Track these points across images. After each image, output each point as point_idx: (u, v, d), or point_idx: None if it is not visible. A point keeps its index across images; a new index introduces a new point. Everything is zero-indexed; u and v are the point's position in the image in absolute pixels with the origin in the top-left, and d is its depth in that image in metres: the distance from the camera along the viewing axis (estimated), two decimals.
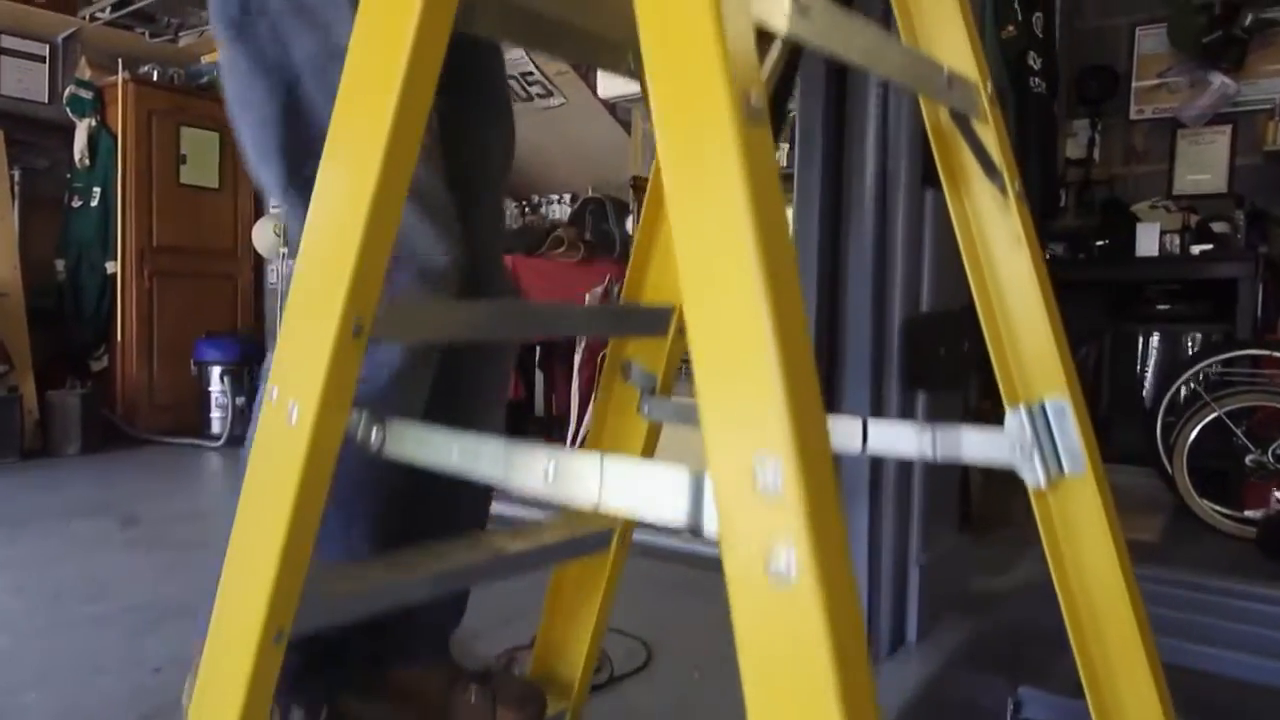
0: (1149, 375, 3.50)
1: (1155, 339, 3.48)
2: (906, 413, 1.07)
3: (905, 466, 1.19)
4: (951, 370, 1.05)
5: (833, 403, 1.10)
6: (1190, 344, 3.42)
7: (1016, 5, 2.55)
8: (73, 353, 4.40)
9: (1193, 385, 2.99)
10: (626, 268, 0.90)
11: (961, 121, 0.61)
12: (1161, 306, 3.44)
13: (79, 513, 2.87)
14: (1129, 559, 0.71)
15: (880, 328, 1.03)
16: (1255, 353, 3.00)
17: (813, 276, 1.03)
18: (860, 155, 1.10)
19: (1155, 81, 3.96)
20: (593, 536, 0.87)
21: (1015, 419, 0.64)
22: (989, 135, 0.63)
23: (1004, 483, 3.18)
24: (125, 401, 4.33)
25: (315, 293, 0.61)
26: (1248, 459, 2.80)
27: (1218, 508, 2.84)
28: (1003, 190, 0.63)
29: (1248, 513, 2.79)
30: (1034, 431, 0.63)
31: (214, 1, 0.98)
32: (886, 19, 0.72)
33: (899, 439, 0.69)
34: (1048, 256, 3.34)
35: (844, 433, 0.71)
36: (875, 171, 1.06)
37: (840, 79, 1.12)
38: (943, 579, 1.06)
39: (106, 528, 2.71)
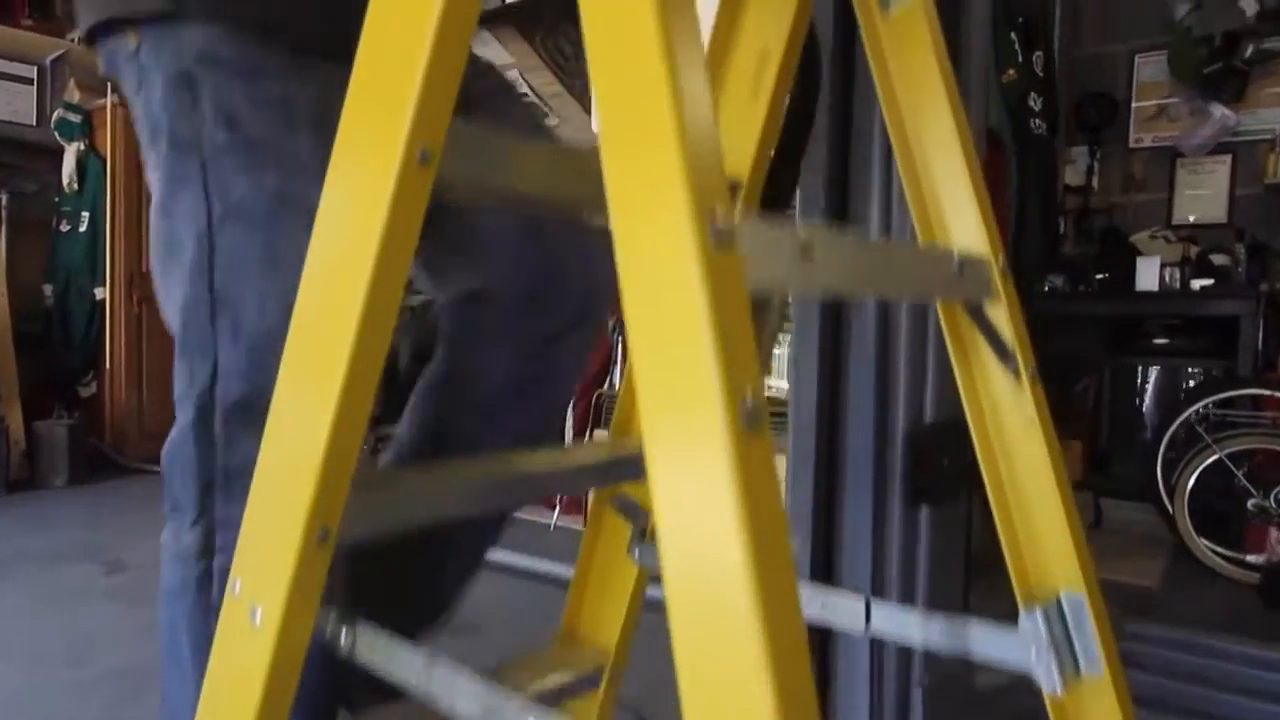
0: (1149, 410, 3.46)
1: (1155, 373, 3.44)
2: (909, 526, 1.02)
3: (908, 564, 1.15)
4: (954, 482, 1.02)
5: (831, 569, 1.06)
6: (1190, 380, 3.38)
7: (1017, 46, 2.52)
8: (61, 379, 4.34)
9: (1193, 425, 2.95)
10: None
11: (973, 308, 0.57)
12: (1161, 341, 3.40)
13: (64, 557, 2.82)
14: None
15: (883, 440, 0.99)
16: (1256, 392, 2.97)
17: (812, 385, 0.99)
18: None
19: (1154, 109, 3.92)
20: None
21: (1030, 621, 0.60)
22: (1001, 315, 0.59)
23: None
24: (114, 429, 4.28)
25: (278, 500, 0.57)
26: (1250, 503, 2.77)
27: (1218, 549, 2.81)
28: (1016, 374, 0.60)
29: (1249, 557, 2.76)
30: (1050, 634, 0.59)
31: (144, 138, 0.87)
32: (886, 219, 0.68)
33: (904, 625, 0.65)
34: (1047, 288, 3.30)
35: (848, 611, 0.67)
36: None
37: (842, 177, 1.08)
38: (947, 696, 1.02)
39: (91, 574, 2.67)
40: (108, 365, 4.28)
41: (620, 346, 3.21)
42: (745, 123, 0.74)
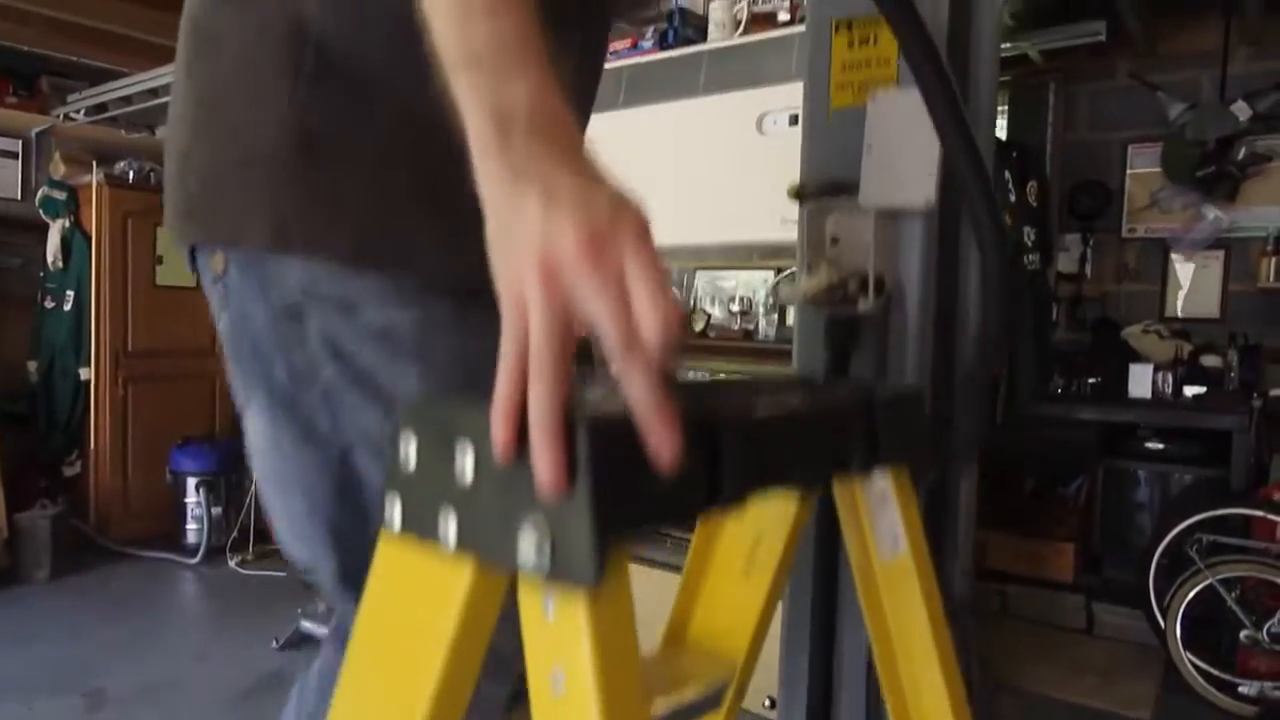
0: (1142, 514, 3.45)
1: (1148, 478, 3.43)
2: None
3: None
4: None
5: None
6: (1183, 487, 3.37)
7: (1011, 185, 2.50)
8: (45, 459, 4.29)
9: (1185, 547, 2.94)
10: None
11: None
12: (1154, 446, 3.39)
13: (42, 687, 2.76)
14: None
15: None
16: (1247, 513, 2.96)
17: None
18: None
19: (1147, 200, 3.91)
20: None
21: None
22: None
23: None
24: (98, 510, 4.23)
25: None
26: (1242, 634, 2.76)
27: (1212, 670, 2.80)
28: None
29: (1241, 687, 2.75)
30: None
31: (243, 363, 0.83)
32: None
33: None
34: (1046, 393, 3.28)
35: None
36: None
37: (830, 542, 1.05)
38: None
39: (71, 709, 2.62)
40: (92, 446, 4.23)
41: None
42: (740, 602, 0.72)
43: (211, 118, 0.78)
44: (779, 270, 2.73)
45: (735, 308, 2.73)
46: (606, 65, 1.00)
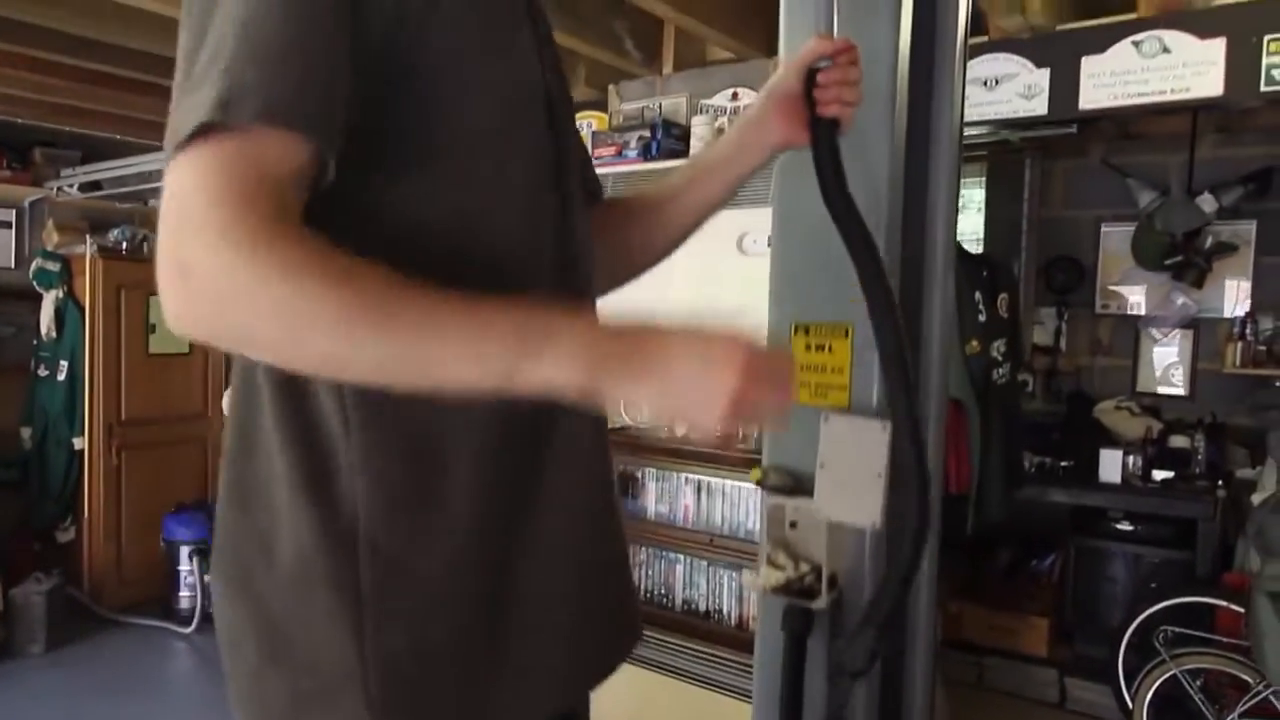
0: (1112, 592, 3.56)
1: (1118, 557, 3.54)
2: None
3: None
4: None
5: None
6: (1152, 566, 3.48)
7: (981, 306, 2.59)
8: (38, 526, 4.34)
9: (1152, 637, 3.04)
10: None
11: None
12: (1124, 527, 3.50)
13: None
14: None
15: None
16: (1212, 602, 3.07)
17: None
18: None
19: (1119, 277, 4.02)
20: None
21: None
22: None
23: None
24: (92, 578, 4.29)
25: None
26: None
27: None
28: None
29: None
30: None
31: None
32: None
33: None
34: (1019, 471, 3.35)
35: None
36: None
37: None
38: None
39: None
40: (86, 514, 4.28)
41: None
42: None
43: (276, 641, 0.74)
44: None
45: None
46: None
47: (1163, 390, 3.95)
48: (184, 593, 4.22)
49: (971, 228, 4.25)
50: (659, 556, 2.98)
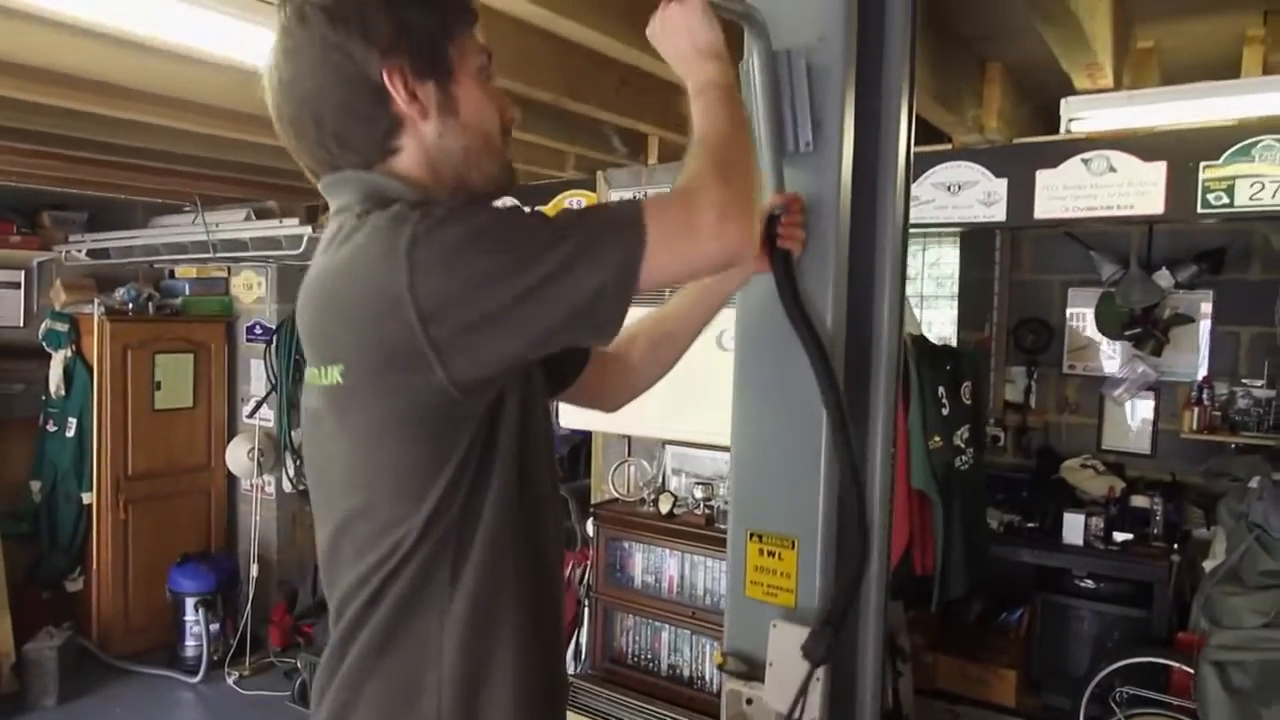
0: (1075, 646, 3.76)
1: (1082, 612, 3.74)
2: None
3: None
4: None
5: None
6: (1112, 621, 3.68)
7: (944, 399, 2.77)
8: (48, 578, 4.49)
9: (1109, 697, 3.23)
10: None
11: None
12: (1086, 584, 3.70)
13: None
14: None
15: None
16: (1166, 662, 3.26)
17: None
18: None
19: (1085, 340, 4.23)
20: None
21: None
22: None
23: None
24: (100, 627, 4.44)
25: None
26: None
27: None
28: None
29: None
30: None
31: None
32: None
33: None
34: (984, 548, 3.55)
35: None
36: None
37: None
38: None
39: None
40: (95, 566, 4.44)
41: None
42: None
43: None
44: None
45: (699, 494, 3.00)
46: None
47: (1126, 449, 4.15)
48: (190, 642, 4.38)
49: (948, 290, 4.44)
50: (645, 624, 3.17)
